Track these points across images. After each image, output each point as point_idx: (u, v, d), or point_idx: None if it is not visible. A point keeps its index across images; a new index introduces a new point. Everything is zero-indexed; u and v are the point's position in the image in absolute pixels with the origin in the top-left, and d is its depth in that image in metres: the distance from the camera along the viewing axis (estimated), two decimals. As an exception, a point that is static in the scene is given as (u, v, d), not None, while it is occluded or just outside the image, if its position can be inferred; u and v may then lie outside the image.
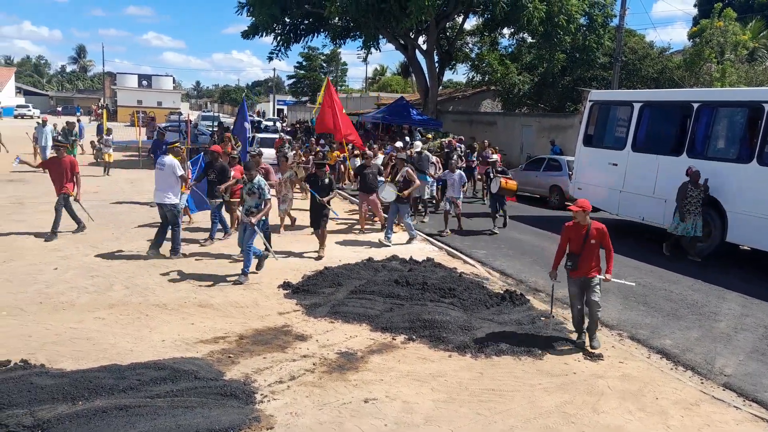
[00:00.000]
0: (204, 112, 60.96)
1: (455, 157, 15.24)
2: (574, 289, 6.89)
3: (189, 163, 12.30)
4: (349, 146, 17.40)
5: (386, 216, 12.24)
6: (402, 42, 28.84)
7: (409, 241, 11.81)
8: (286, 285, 8.59)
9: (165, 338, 6.52)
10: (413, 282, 8.45)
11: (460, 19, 29.62)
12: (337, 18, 26.46)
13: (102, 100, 68.70)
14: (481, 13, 28.37)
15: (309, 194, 10.39)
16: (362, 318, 7.34)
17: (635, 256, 11.49)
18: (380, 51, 31.05)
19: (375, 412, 5.15)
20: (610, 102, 15.01)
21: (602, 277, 6.80)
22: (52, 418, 4.56)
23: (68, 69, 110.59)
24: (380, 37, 28.99)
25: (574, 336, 7.09)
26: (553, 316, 7.68)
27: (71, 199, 10.86)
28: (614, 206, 13.93)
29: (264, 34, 29.35)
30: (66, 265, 8.96)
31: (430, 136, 21.52)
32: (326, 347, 6.50)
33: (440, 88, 33.18)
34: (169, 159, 9.81)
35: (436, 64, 29.32)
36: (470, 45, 32.71)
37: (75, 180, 10.86)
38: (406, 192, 11.73)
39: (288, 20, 29.47)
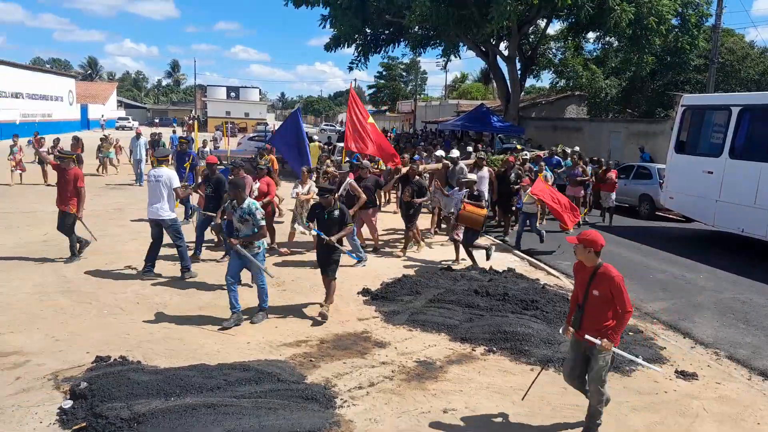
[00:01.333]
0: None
1: (465, 170, 12.52)
2: (571, 355, 5.07)
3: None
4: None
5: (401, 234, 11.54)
6: (483, 49, 28.58)
7: (355, 265, 9.98)
8: (365, 291, 8.68)
9: (250, 340, 6.75)
10: (493, 292, 8.32)
11: (543, 24, 29.00)
12: (417, 27, 26.59)
13: (193, 112, 72.34)
14: (565, 17, 27.63)
15: (313, 232, 7.98)
16: (441, 327, 7.29)
17: (734, 270, 10.78)
18: (460, 58, 30.90)
19: (454, 423, 5.10)
20: (705, 106, 14.19)
21: (598, 342, 4.69)
22: (147, 413, 4.82)
23: (163, 83, 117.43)
24: (461, 44, 28.86)
25: (665, 352, 6.71)
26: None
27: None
28: (709, 217, 13.14)
29: (345, 46, 29.94)
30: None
31: (519, 146, 19.88)
32: (405, 355, 6.51)
33: (522, 94, 32.58)
34: (167, 171, 9.11)
35: (518, 70, 28.83)
36: (553, 50, 31.95)
37: (78, 195, 9.69)
38: (352, 210, 9.57)
39: (369, 31, 29.91)
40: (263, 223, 7.24)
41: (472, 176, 11.56)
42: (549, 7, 23.96)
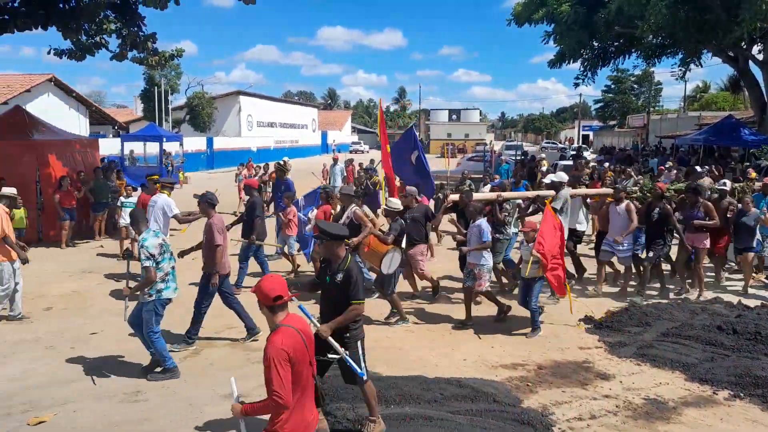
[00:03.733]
0: (507, 141, 62.68)
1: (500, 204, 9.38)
2: None
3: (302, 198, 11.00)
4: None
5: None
6: (731, 54, 25.40)
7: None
8: (587, 319, 8.22)
9: (467, 358, 6.83)
10: (742, 330, 7.25)
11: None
12: (651, 36, 24.67)
13: (418, 135, 76.18)
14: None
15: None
16: (675, 365, 6.57)
17: None
18: (702, 66, 27.59)
19: (690, 473, 4.55)
20: None
21: None
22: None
23: (391, 108, 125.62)
24: (702, 51, 26.02)
25: None
26: None
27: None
28: None
29: (571, 62, 28.98)
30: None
31: (753, 174, 13.52)
32: (631, 390, 6.00)
33: (781, 102, 28.13)
34: (163, 198, 9.16)
35: (777, 76, 24.98)
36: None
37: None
38: (354, 240, 8.00)
39: (596, 44, 28.60)
40: (147, 263, 6.05)
41: (396, 202, 8.50)
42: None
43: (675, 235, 9.49)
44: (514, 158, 30.09)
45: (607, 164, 21.17)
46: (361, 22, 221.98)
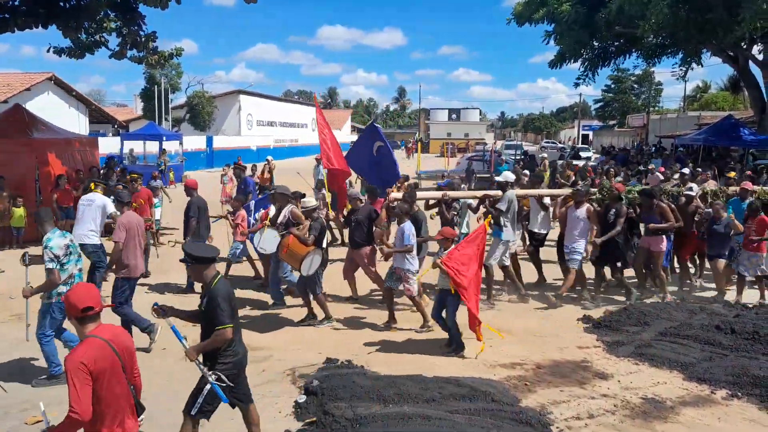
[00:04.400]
0: (507, 141, 62.72)
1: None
2: None
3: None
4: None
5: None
6: (731, 54, 25.40)
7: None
8: (586, 319, 8.23)
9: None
10: (740, 330, 7.26)
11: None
12: (651, 36, 24.66)
13: (417, 134, 76.03)
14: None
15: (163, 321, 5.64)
16: (673, 364, 6.58)
17: None
18: (702, 66, 27.66)
19: (687, 473, 4.56)
20: None
21: None
22: (368, 416, 5.15)
23: (391, 108, 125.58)
24: (703, 50, 26.02)
25: None
26: None
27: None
28: None
29: (571, 61, 28.97)
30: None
31: (732, 174, 13.28)
32: (629, 390, 6.01)
33: (781, 102, 28.13)
34: (100, 197, 8.97)
35: (777, 76, 24.99)
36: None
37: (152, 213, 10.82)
38: (286, 242, 7.62)
39: (597, 44, 28.59)
40: (51, 265, 5.75)
41: (312, 201, 8.25)
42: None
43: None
44: (513, 158, 30.11)
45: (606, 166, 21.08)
46: (361, 21, 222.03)
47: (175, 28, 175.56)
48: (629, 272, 9.36)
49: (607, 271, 9.40)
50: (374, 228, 8.68)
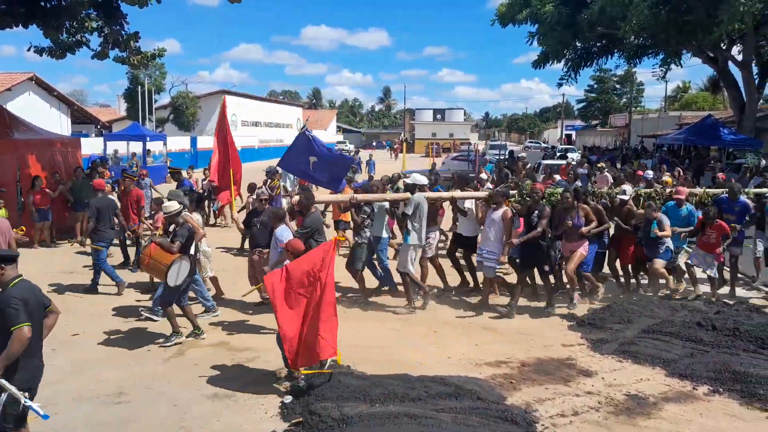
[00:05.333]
0: (492, 141, 62.99)
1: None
2: None
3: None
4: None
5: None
6: (711, 54, 25.76)
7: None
8: (570, 317, 8.30)
9: (451, 355, 6.87)
10: (721, 327, 7.37)
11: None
12: (633, 36, 24.93)
13: (402, 135, 76.12)
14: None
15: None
16: (656, 361, 6.66)
17: None
18: (682, 67, 28.03)
19: (670, 468, 4.62)
20: None
21: None
22: (354, 416, 5.16)
23: (376, 108, 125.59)
24: (683, 51, 26.36)
25: None
26: None
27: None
28: None
29: (554, 62, 29.20)
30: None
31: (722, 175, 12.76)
32: (613, 387, 6.08)
33: (760, 102, 28.57)
34: None
35: (755, 76, 25.38)
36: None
37: (140, 215, 10.81)
38: (148, 251, 7.11)
39: (579, 44, 28.85)
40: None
41: (173, 206, 7.44)
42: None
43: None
44: (498, 158, 30.26)
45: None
46: (346, 21, 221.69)
47: (158, 28, 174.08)
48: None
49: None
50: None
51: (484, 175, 13.81)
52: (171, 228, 7.37)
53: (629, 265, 9.40)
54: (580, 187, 9.14)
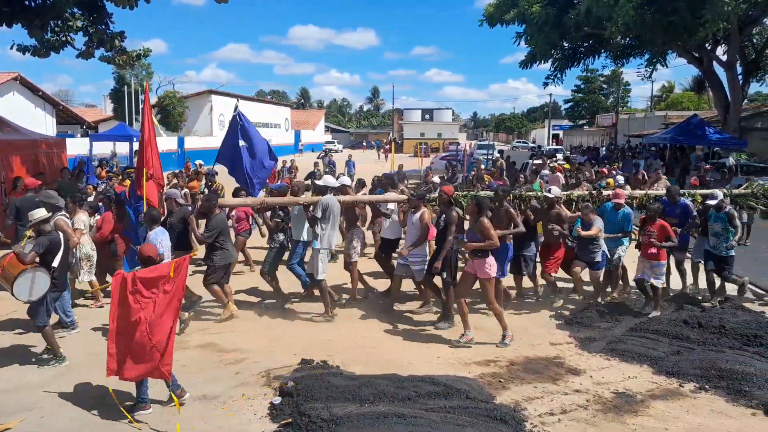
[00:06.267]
0: (479, 141, 63.19)
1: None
2: None
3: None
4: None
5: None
6: (696, 55, 26.04)
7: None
8: (558, 315, 8.34)
9: (440, 355, 6.87)
10: (707, 324, 7.44)
11: (771, 22, 25.52)
12: (619, 37, 25.14)
13: (391, 135, 76.19)
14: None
15: None
16: (643, 358, 6.71)
17: None
18: (667, 67, 28.39)
19: (657, 464, 4.66)
20: None
21: None
22: (344, 416, 5.15)
23: (364, 108, 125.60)
24: (668, 51, 26.62)
25: None
26: None
27: None
28: None
29: (542, 62, 29.38)
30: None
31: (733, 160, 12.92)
32: (601, 385, 6.11)
33: (744, 102, 28.91)
34: None
35: (739, 76, 25.69)
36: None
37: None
38: (3, 261, 6.49)
39: (566, 44, 29.04)
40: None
41: (40, 212, 6.83)
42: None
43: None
44: (486, 158, 30.34)
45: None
46: (334, 20, 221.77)
47: (144, 28, 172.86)
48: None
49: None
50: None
51: (436, 178, 13.48)
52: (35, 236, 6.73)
53: (552, 271, 8.73)
54: (501, 189, 8.54)
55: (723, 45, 25.67)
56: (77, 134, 34.83)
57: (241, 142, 9.79)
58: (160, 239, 6.98)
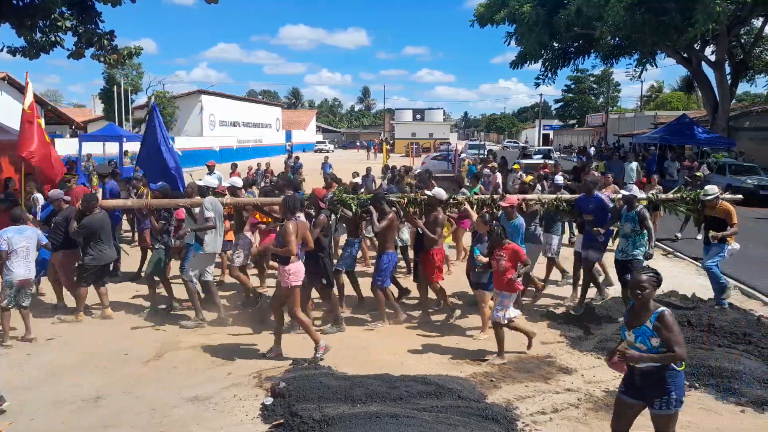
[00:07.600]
0: (470, 141, 63.32)
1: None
2: None
3: None
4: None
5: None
6: (685, 55, 26.24)
7: None
8: (549, 315, 8.38)
9: (432, 355, 6.88)
10: (696, 323, 7.50)
11: (759, 23, 25.75)
12: (609, 37, 25.29)
13: (382, 135, 76.16)
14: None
15: None
16: (634, 356, 6.75)
17: None
18: (656, 67, 28.62)
19: (647, 462, 4.68)
20: None
21: None
22: (336, 416, 5.14)
23: (356, 108, 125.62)
24: (658, 52, 26.81)
25: None
26: None
27: None
28: None
29: (532, 62, 29.50)
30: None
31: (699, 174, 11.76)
32: (592, 383, 6.15)
33: (732, 102, 29.17)
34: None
35: (728, 76, 25.92)
36: (773, 51, 28.18)
37: None
38: None
39: (556, 45, 29.17)
40: None
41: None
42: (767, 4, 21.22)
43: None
44: (476, 157, 30.39)
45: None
46: (325, 20, 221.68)
47: (134, 28, 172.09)
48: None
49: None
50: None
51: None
52: None
53: (439, 279, 8.04)
54: (382, 192, 8.22)
55: (712, 45, 25.90)
56: (66, 134, 34.60)
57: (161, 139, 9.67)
58: (6, 236, 6.97)
